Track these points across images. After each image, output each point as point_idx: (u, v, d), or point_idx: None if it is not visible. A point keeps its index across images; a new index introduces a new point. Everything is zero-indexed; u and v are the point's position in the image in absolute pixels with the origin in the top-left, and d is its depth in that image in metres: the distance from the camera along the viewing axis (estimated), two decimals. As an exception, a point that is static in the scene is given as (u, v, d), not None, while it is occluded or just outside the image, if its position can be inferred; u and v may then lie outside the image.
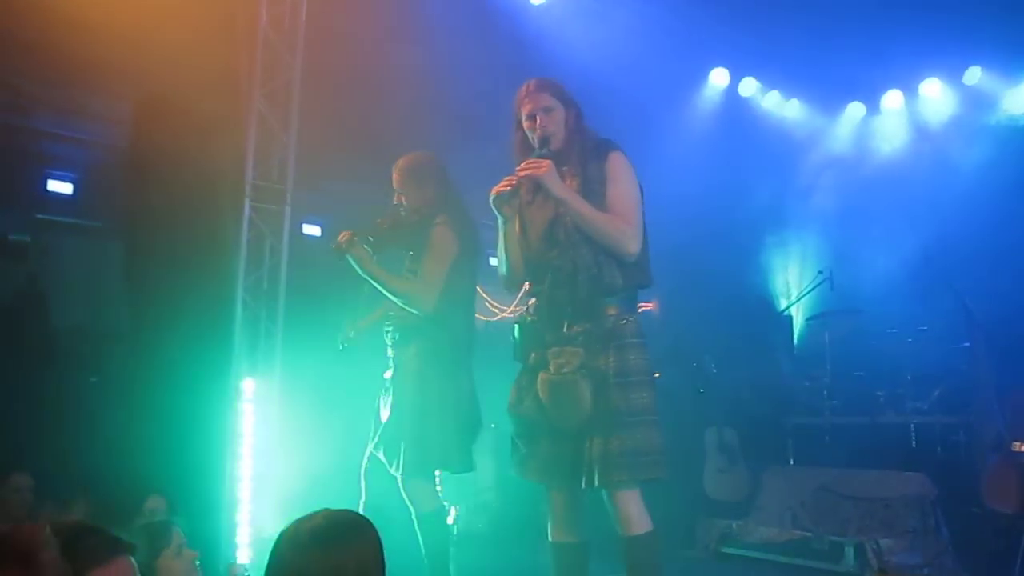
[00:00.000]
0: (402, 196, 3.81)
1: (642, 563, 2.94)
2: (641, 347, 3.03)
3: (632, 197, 3.06)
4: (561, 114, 3.11)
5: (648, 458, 2.93)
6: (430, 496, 3.71)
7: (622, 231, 3.00)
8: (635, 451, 2.90)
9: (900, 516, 5.15)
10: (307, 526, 1.64)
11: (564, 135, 3.10)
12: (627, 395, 2.95)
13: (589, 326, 3.01)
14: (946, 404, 6.04)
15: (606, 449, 2.90)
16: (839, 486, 5.57)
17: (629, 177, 3.09)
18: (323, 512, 1.69)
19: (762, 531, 5.55)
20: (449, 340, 3.72)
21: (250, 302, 5.15)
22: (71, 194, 5.66)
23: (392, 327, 3.78)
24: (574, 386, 2.92)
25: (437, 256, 3.67)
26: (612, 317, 3.02)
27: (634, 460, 2.90)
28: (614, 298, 3.04)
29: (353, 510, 1.74)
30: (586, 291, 3.01)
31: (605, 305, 3.03)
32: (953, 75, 7.36)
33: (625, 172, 3.08)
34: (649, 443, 2.94)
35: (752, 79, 8.00)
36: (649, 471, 2.93)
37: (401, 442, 3.63)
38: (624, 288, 3.05)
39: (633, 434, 2.92)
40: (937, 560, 4.95)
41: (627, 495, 2.93)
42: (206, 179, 5.16)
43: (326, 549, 1.59)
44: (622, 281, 3.03)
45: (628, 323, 3.03)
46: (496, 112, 6.46)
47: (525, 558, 5.48)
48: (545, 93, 3.12)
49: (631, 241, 3.00)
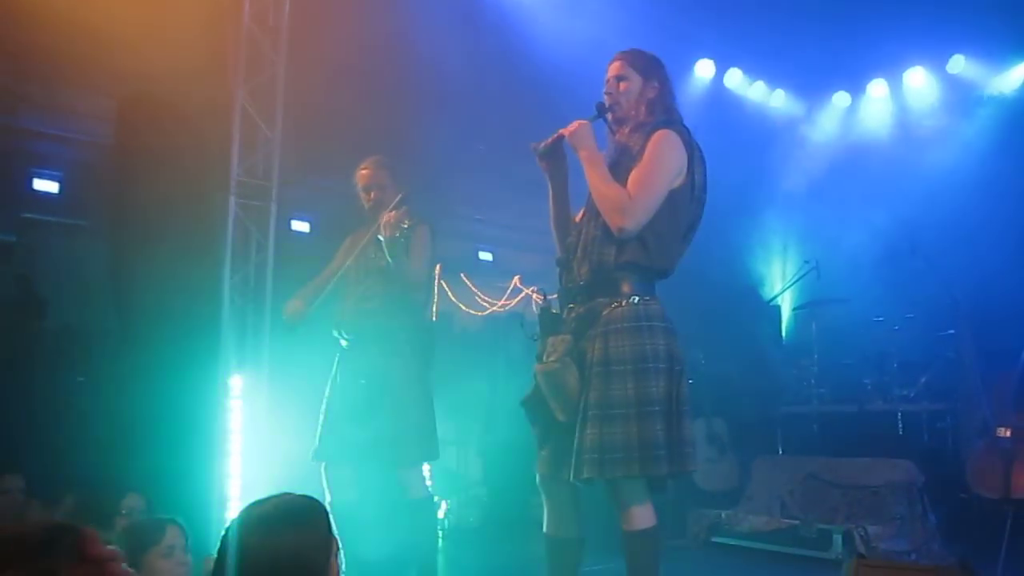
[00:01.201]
0: (377, 191, 3.96)
1: (638, 559, 2.84)
2: (635, 332, 2.81)
3: (652, 175, 2.86)
4: (634, 85, 3.01)
5: (619, 455, 2.71)
6: (423, 483, 3.87)
7: (618, 202, 2.82)
8: (605, 447, 2.72)
9: (887, 503, 5.19)
10: (256, 511, 1.67)
11: (631, 105, 3.01)
12: (607, 385, 2.78)
13: (582, 310, 2.92)
14: (932, 391, 6.09)
15: (580, 442, 2.77)
16: (827, 474, 5.62)
17: (661, 155, 2.89)
18: (275, 497, 1.71)
19: (751, 520, 5.58)
20: (428, 332, 3.99)
21: (237, 299, 5.14)
22: (57, 193, 5.65)
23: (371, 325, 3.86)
24: (558, 375, 2.81)
25: (425, 251, 3.91)
26: (606, 300, 2.87)
27: (602, 456, 2.71)
28: (614, 280, 2.87)
29: (309, 496, 1.75)
30: (584, 269, 2.93)
31: (604, 286, 2.89)
32: (937, 64, 7.39)
33: (659, 150, 2.89)
34: (626, 439, 2.72)
35: (737, 70, 8.02)
36: (619, 469, 2.71)
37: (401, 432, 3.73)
38: (619, 267, 2.86)
39: (609, 428, 2.74)
40: (924, 546, 4.99)
41: (624, 489, 2.80)
42: (192, 176, 5.14)
43: (268, 533, 1.62)
44: (615, 259, 2.86)
45: (622, 307, 2.85)
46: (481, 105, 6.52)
47: (515, 552, 5.50)
48: (622, 62, 3.05)
49: (625, 215, 2.80)
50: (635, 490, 2.82)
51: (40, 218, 5.61)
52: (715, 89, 7.88)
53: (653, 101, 3.02)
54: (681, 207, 2.96)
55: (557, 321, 3.00)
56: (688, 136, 2.98)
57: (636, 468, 2.73)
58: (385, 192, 3.92)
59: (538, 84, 6.21)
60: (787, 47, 7.15)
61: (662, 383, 2.80)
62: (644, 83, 3.02)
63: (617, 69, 3.05)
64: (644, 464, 2.73)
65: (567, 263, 3.04)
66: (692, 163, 2.96)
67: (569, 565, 3.02)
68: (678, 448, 2.77)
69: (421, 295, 3.96)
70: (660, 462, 2.73)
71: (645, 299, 2.89)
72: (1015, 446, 4.55)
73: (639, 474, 2.75)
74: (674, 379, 2.83)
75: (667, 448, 2.75)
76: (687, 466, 2.78)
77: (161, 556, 2.77)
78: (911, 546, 4.98)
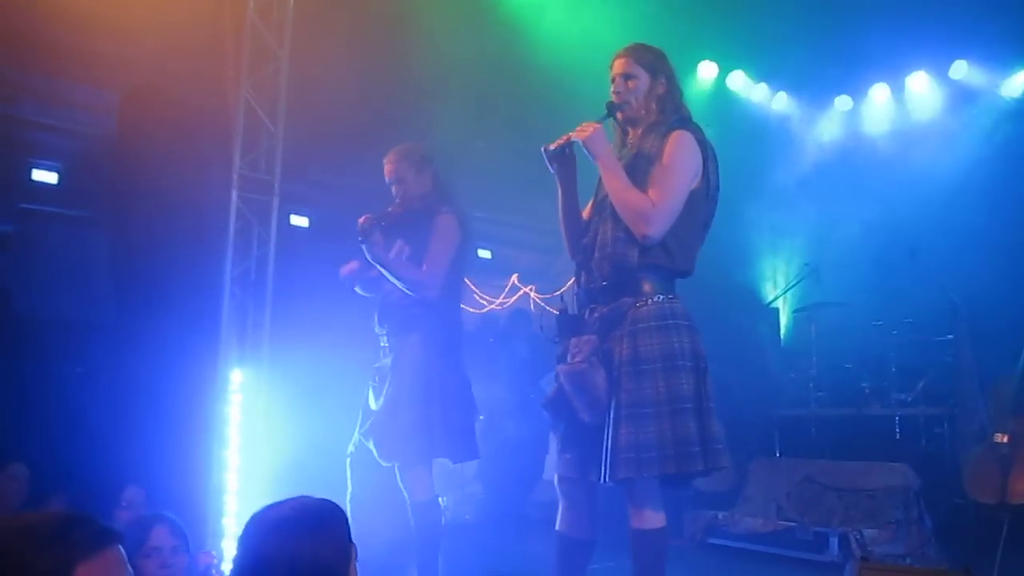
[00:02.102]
0: (399, 185, 3.79)
1: (645, 558, 2.84)
2: (662, 331, 2.81)
3: (673, 179, 2.85)
4: (643, 83, 2.97)
5: (654, 453, 2.72)
6: (427, 485, 3.70)
7: (642, 210, 2.81)
8: (642, 446, 2.72)
9: (884, 507, 5.21)
10: (273, 513, 1.62)
11: (640, 104, 2.98)
12: (638, 384, 2.78)
13: (606, 311, 2.90)
14: (930, 396, 6.11)
15: (614, 442, 2.75)
16: (824, 477, 5.63)
17: (680, 159, 2.88)
18: (293, 500, 1.66)
19: (748, 522, 5.59)
20: (448, 328, 3.76)
21: (238, 292, 5.13)
22: (56, 183, 5.63)
23: (392, 316, 3.77)
24: (585, 376, 2.80)
25: (444, 244, 3.69)
26: (630, 300, 2.86)
27: (639, 455, 2.72)
28: (636, 280, 2.87)
29: (328, 500, 1.70)
30: (605, 270, 2.90)
31: (627, 287, 2.88)
32: (939, 69, 7.39)
33: (679, 153, 2.88)
34: (659, 437, 2.73)
35: (740, 72, 8.02)
36: (655, 467, 2.72)
37: (401, 431, 3.60)
38: (642, 268, 2.85)
39: (643, 427, 2.74)
40: (920, 550, 5.01)
41: (640, 489, 2.80)
42: (193, 168, 5.13)
43: (286, 537, 1.57)
44: (637, 260, 2.85)
45: (647, 306, 2.84)
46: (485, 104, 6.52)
47: (512, 549, 5.51)
48: (628, 59, 3.00)
49: (650, 224, 2.80)
50: (651, 490, 2.83)
51: (39, 209, 5.60)
52: (718, 91, 7.88)
53: (663, 98, 3.00)
54: (698, 208, 2.97)
55: (578, 322, 2.98)
56: (702, 135, 2.98)
57: (672, 466, 2.74)
58: (407, 186, 3.76)
59: (540, 83, 6.21)
60: (790, 50, 7.15)
61: (691, 380, 2.81)
62: (652, 80, 2.99)
63: (623, 67, 3.01)
64: (680, 461, 2.74)
65: (585, 264, 3.01)
66: (707, 163, 2.96)
67: (579, 565, 3.02)
68: (710, 445, 2.78)
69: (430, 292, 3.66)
70: (695, 459, 2.74)
71: (669, 298, 2.91)
72: (1012, 452, 4.56)
73: (675, 471, 2.75)
74: (700, 376, 2.85)
75: (700, 445, 2.76)
76: (719, 463, 2.79)
77: (144, 556, 2.74)
78: (907, 550, 4.99)
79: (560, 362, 2.94)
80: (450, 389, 3.70)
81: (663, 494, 2.90)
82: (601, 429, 2.82)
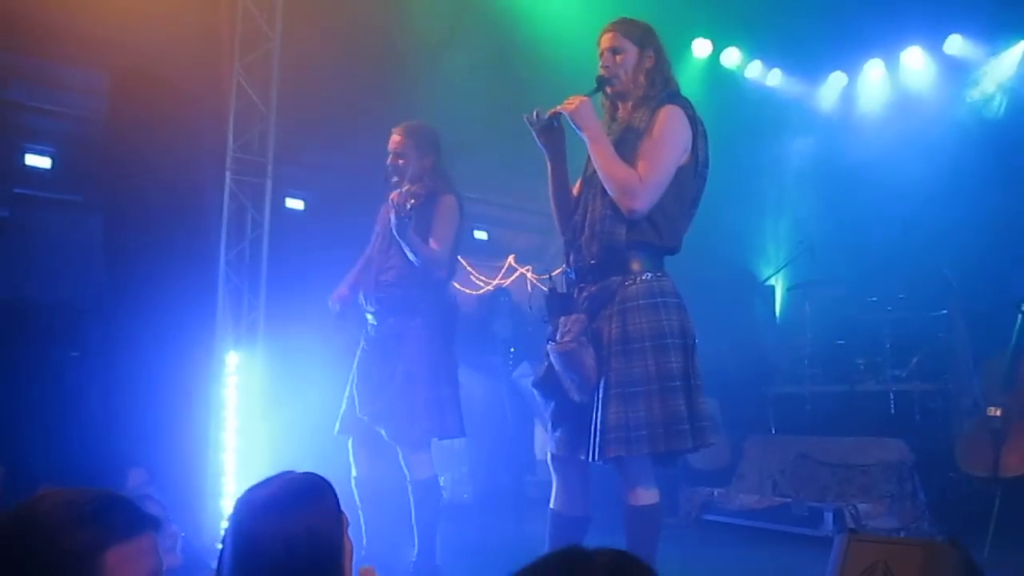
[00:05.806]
0: (399, 159, 3.82)
1: (639, 534, 2.85)
2: (650, 309, 2.81)
3: (661, 153, 2.84)
4: (631, 56, 2.95)
5: (643, 432, 2.73)
6: (428, 464, 3.77)
7: (629, 183, 2.80)
8: (631, 424, 2.73)
9: (878, 481, 5.25)
10: (262, 492, 1.60)
11: (629, 77, 2.96)
12: (627, 363, 2.78)
13: (595, 289, 2.90)
14: (924, 371, 6.12)
15: (603, 422, 2.76)
16: (819, 453, 5.67)
17: (670, 134, 2.86)
18: (277, 477, 1.64)
19: (743, 498, 5.63)
20: (445, 308, 3.85)
21: (232, 275, 5.14)
22: (49, 168, 5.60)
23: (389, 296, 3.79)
24: (575, 355, 2.79)
25: (448, 225, 3.78)
26: (619, 279, 2.86)
27: (628, 434, 2.72)
28: (625, 258, 2.86)
29: (312, 472, 1.67)
30: (594, 249, 2.89)
31: (615, 265, 2.87)
32: (934, 44, 7.36)
33: (667, 128, 2.86)
34: (649, 415, 2.74)
35: (734, 49, 7.99)
36: (645, 445, 2.73)
37: (414, 411, 3.67)
38: (630, 246, 2.84)
39: (632, 406, 2.75)
40: (914, 524, 5.05)
41: (634, 467, 2.82)
42: (186, 151, 5.12)
43: (278, 516, 1.54)
44: (625, 238, 2.83)
45: (636, 284, 2.84)
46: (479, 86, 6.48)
47: (509, 528, 5.55)
48: (615, 33, 2.98)
49: (636, 197, 2.79)
50: (644, 467, 2.84)
51: (32, 193, 5.57)
52: (712, 68, 7.85)
53: (651, 71, 2.98)
54: (686, 184, 2.96)
55: (567, 301, 2.98)
56: (691, 110, 2.96)
57: (662, 444, 2.75)
58: (407, 162, 3.80)
59: (534, 62, 6.18)
60: (785, 27, 7.12)
61: (680, 358, 2.82)
62: (640, 53, 2.97)
63: (611, 40, 2.99)
64: (669, 439, 2.76)
65: (574, 242, 3.01)
66: (696, 138, 2.95)
67: (574, 542, 3.02)
68: (699, 422, 2.80)
69: (443, 271, 3.80)
70: (684, 436, 2.76)
71: (657, 275, 2.91)
72: (1005, 426, 4.58)
73: (665, 450, 2.77)
74: (688, 354, 2.86)
75: (690, 422, 2.78)
76: (707, 440, 2.81)
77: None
78: (901, 524, 5.04)
79: (550, 341, 2.94)
80: (452, 369, 3.81)
81: (655, 471, 2.92)
82: (591, 408, 2.83)
